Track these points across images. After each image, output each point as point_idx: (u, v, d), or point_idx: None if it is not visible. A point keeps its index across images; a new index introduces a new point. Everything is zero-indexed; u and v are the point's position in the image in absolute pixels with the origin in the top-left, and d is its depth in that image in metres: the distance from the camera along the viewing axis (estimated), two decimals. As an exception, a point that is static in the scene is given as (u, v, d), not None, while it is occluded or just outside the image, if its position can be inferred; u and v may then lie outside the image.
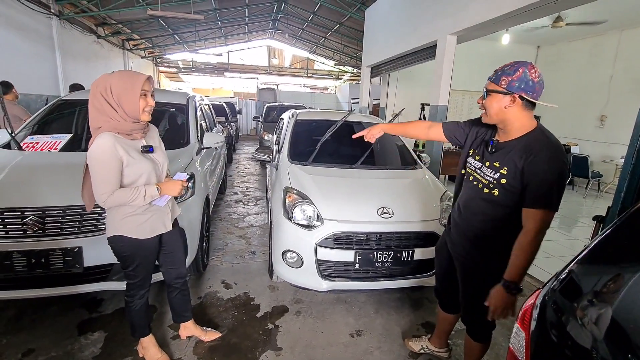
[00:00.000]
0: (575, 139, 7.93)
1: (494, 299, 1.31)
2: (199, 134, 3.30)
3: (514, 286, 1.27)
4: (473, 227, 1.46)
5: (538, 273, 3.22)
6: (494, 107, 1.33)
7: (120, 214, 1.56)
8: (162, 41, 14.32)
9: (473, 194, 1.46)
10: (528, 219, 1.27)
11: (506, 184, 1.32)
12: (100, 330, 2.12)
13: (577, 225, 5.00)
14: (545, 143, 1.27)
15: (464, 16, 4.02)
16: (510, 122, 1.34)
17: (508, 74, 1.28)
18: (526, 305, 0.92)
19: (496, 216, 1.37)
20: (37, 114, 3.01)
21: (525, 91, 1.27)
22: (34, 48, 7.60)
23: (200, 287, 2.68)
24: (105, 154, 1.43)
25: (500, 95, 1.31)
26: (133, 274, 1.70)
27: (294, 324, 2.31)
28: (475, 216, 1.44)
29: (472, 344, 1.64)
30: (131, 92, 1.45)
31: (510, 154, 1.32)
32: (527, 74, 1.26)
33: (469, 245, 1.49)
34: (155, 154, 1.67)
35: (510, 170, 1.30)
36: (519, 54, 8.85)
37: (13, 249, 1.89)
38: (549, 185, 1.23)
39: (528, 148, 1.28)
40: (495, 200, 1.36)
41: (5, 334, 2.04)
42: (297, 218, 2.35)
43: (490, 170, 1.38)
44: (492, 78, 1.34)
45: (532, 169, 1.24)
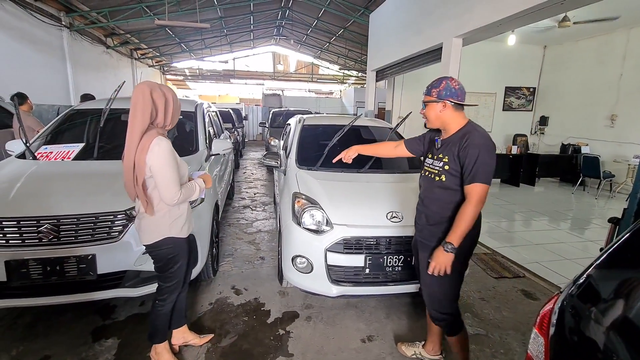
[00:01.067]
0: (585, 139, 7.81)
1: (435, 257, 1.61)
2: (208, 141, 3.34)
3: (451, 247, 1.56)
4: (433, 212, 1.72)
5: (551, 275, 3.17)
6: (432, 114, 1.68)
7: (170, 217, 1.67)
8: (169, 50, 14.56)
9: (429, 184, 1.75)
10: (469, 194, 1.56)
11: (450, 169, 1.62)
12: (113, 336, 2.14)
13: (590, 227, 4.91)
14: (474, 133, 1.59)
15: (469, 18, 4.02)
16: (447, 123, 1.67)
17: (435, 86, 1.65)
18: (544, 310, 0.91)
19: (447, 199, 1.66)
20: (50, 124, 3.08)
21: (451, 96, 1.61)
22: (46, 59, 7.79)
23: (211, 293, 2.69)
24: (169, 155, 1.58)
25: (434, 104, 1.66)
26: (172, 275, 1.77)
27: (305, 330, 2.30)
28: (433, 202, 1.72)
29: (450, 340, 1.82)
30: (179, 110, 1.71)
31: (450, 146, 1.65)
32: (449, 84, 1.62)
33: (432, 227, 1.73)
34: None
35: (450, 158, 1.62)
36: (525, 54, 8.81)
37: (29, 257, 1.93)
38: (481, 164, 1.53)
39: (461, 138, 1.61)
40: (445, 185, 1.65)
41: (22, 341, 2.07)
42: (306, 223, 2.36)
43: (438, 162, 1.70)
44: (425, 92, 1.69)
45: (464, 153, 1.56)
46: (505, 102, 9.20)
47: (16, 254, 1.92)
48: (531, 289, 2.91)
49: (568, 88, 8.37)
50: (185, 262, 1.81)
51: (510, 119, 9.24)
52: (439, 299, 1.76)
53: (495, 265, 3.36)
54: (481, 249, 3.78)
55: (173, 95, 1.66)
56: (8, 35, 6.57)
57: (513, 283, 3.01)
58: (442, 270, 1.60)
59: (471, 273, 3.09)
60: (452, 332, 1.79)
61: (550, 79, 8.91)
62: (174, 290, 1.81)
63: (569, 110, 8.37)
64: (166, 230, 1.67)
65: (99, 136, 2.78)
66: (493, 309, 2.61)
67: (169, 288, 1.79)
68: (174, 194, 1.57)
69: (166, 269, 1.75)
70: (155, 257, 1.73)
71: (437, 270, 1.60)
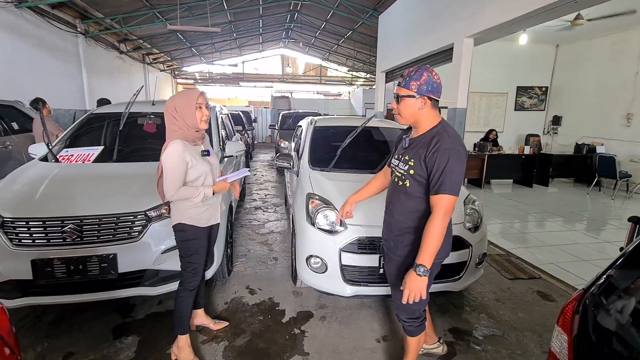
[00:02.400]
0: (600, 138, 7.66)
1: (408, 283, 1.41)
2: (221, 143, 3.40)
3: (423, 269, 1.37)
4: (396, 220, 1.57)
5: (567, 277, 3.12)
6: (408, 111, 1.46)
7: (185, 205, 1.80)
8: (180, 54, 14.82)
9: (393, 189, 1.59)
10: (434, 205, 1.39)
11: (415, 174, 1.45)
12: (133, 334, 2.20)
13: (607, 227, 4.81)
14: (444, 136, 1.40)
15: (480, 18, 4.00)
16: (421, 121, 1.48)
17: (415, 78, 1.39)
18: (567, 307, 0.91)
19: (412, 207, 1.49)
20: (70, 128, 3.18)
21: (432, 92, 1.41)
22: (62, 65, 8.01)
23: (226, 293, 2.73)
24: (176, 158, 1.70)
25: (413, 99, 1.42)
26: (189, 261, 1.88)
27: (320, 329, 2.32)
28: (396, 209, 1.56)
29: (407, 340, 1.72)
30: (189, 107, 1.74)
31: (417, 147, 1.47)
32: (431, 77, 1.39)
33: (396, 237, 1.58)
34: (211, 157, 1.94)
35: (416, 161, 1.44)
36: (537, 53, 8.70)
37: (54, 256, 2.00)
38: (448, 173, 1.35)
39: (430, 141, 1.42)
40: (408, 192, 1.48)
41: (46, 338, 2.14)
42: (320, 223, 2.38)
43: (402, 164, 1.52)
44: (402, 84, 1.43)
45: (433, 159, 1.38)
46: (517, 101, 9.09)
47: (41, 253, 1.99)
48: (547, 290, 2.87)
49: (582, 87, 8.22)
50: (202, 251, 1.91)
51: (522, 119, 9.12)
52: (411, 309, 1.62)
53: (509, 266, 3.32)
54: (495, 250, 3.74)
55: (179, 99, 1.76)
56: (27, 43, 6.78)
57: (529, 284, 2.98)
58: (418, 297, 1.39)
59: (485, 274, 3.06)
60: (416, 333, 1.69)
61: (563, 78, 8.77)
62: (191, 278, 1.90)
63: (583, 109, 8.22)
64: (180, 217, 1.82)
65: (118, 139, 2.86)
66: (509, 310, 2.59)
67: (187, 275, 1.90)
68: (169, 190, 1.71)
69: (183, 254, 1.89)
70: (176, 239, 1.89)
71: (412, 298, 1.40)
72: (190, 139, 1.80)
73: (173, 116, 1.75)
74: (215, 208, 1.95)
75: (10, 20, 6.34)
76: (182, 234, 1.85)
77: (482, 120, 8.85)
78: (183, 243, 1.87)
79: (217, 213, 1.98)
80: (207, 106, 1.83)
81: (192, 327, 2.22)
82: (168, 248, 2.19)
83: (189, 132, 1.78)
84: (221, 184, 1.88)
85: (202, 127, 1.80)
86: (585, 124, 8.11)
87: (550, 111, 9.09)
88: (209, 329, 2.24)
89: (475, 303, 2.68)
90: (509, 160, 7.30)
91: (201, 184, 1.81)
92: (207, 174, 1.85)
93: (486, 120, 8.87)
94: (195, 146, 1.84)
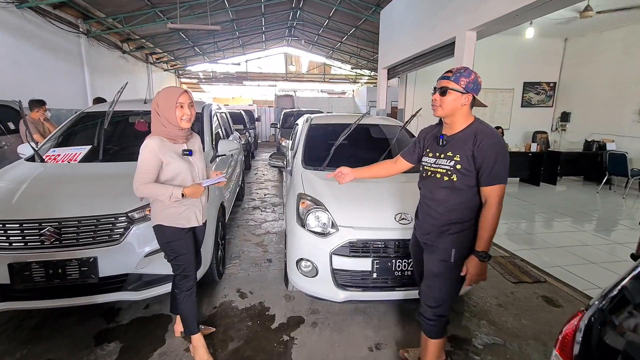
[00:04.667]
0: (610, 135, 7.40)
1: (472, 268, 1.52)
2: (214, 142, 3.31)
3: (485, 255, 1.50)
4: (439, 214, 1.61)
5: (575, 280, 2.96)
6: (452, 104, 1.51)
7: (161, 206, 1.76)
8: (183, 53, 14.80)
9: (434, 185, 1.62)
10: (489, 196, 1.49)
11: (462, 168, 1.51)
12: (116, 340, 2.12)
13: (617, 228, 4.61)
14: (487, 132, 1.51)
15: (483, 10, 3.84)
16: (459, 117, 1.55)
17: (465, 76, 1.49)
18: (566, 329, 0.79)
19: (456, 200, 1.56)
20: (59, 127, 3.12)
21: (475, 92, 1.51)
22: (65, 65, 8.03)
23: (215, 297, 2.65)
24: (147, 152, 1.68)
25: (459, 94, 1.50)
26: (176, 264, 1.84)
27: (310, 336, 2.21)
28: (440, 204, 1.60)
29: (432, 344, 1.69)
30: (169, 105, 1.71)
31: (460, 143, 1.54)
32: (477, 78, 1.51)
33: (440, 229, 1.61)
34: (195, 157, 1.86)
35: (463, 157, 1.51)
36: (544, 47, 8.45)
37: (32, 260, 1.93)
38: (500, 164, 1.46)
39: (474, 137, 1.50)
40: (456, 186, 1.54)
41: (26, 343, 2.07)
42: (311, 225, 2.27)
43: (446, 160, 1.57)
44: (452, 78, 1.50)
45: (482, 153, 1.47)
46: (523, 98, 8.85)
47: (19, 257, 1.92)
48: (553, 295, 2.72)
49: (592, 82, 7.96)
50: (187, 253, 1.85)
51: (529, 116, 8.89)
52: (442, 302, 1.66)
53: (513, 269, 3.17)
54: (499, 251, 3.60)
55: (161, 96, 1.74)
56: (29, 44, 6.79)
57: (533, 288, 2.83)
58: (480, 280, 1.56)
59: (488, 277, 2.91)
60: (440, 334, 1.69)
61: (572, 73, 8.51)
62: (182, 280, 1.86)
63: (593, 105, 7.96)
64: (158, 218, 1.78)
65: (105, 138, 2.78)
66: (511, 316, 2.45)
67: (177, 277, 1.87)
68: (135, 182, 1.67)
69: (167, 257, 1.86)
70: (157, 242, 1.85)
71: (475, 281, 1.55)
72: (170, 136, 1.76)
73: (157, 112, 1.74)
74: (196, 209, 1.86)
75: (12, 21, 6.34)
76: (162, 235, 1.81)
77: (488, 117, 8.62)
78: (165, 245, 1.83)
79: (199, 215, 1.89)
80: (191, 105, 1.77)
81: (176, 333, 2.15)
82: (152, 251, 2.11)
83: (170, 130, 1.74)
84: (194, 187, 1.76)
85: (182, 125, 1.75)
86: (595, 120, 7.86)
87: (559, 107, 8.84)
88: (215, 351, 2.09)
89: (475, 309, 2.55)
90: (515, 158, 7.06)
91: (179, 184, 1.74)
92: (184, 174, 1.77)
93: (492, 117, 8.65)
94: (176, 144, 1.79)
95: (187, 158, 1.82)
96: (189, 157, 1.83)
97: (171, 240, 1.80)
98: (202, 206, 1.90)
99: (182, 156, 1.79)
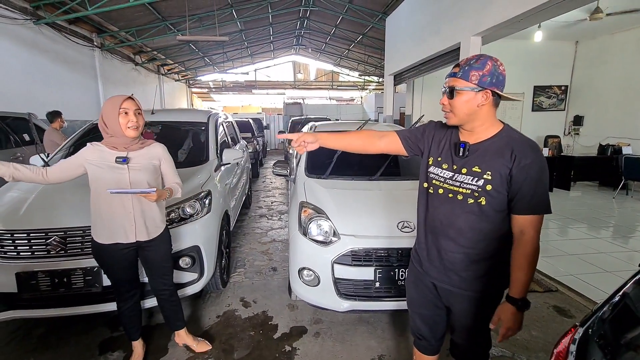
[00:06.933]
0: (626, 138, 7.19)
1: (507, 321, 1.18)
2: (219, 151, 3.34)
3: (523, 303, 1.17)
4: (462, 247, 1.25)
5: (588, 290, 2.85)
6: (465, 107, 1.16)
7: (92, 218, 1.72)
8: (193, 64, 15.14)
9: (453, 209, 1.24)
10: (527, 226, 1.15)
11: (492, 190, 1.16)
12: (119, 349, 2.13)
13: (635, 235, 4.44)
14: (527, 143, 1.16)
15: (487, 15, 3.81)
16: (480, 122, 1.19)
17: (477, 68, 1.12)
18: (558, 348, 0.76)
19: (485, 229, 1.21)
20: (70, 138, 3.20)
21: (496, 86, 1.14)
22: (79, 78, 8.30)
23: (219, 306, 2.65)
24: (75, 155, 1.69)
25: (472, 93, 1.14)
26: (110, 279, 1.84)
27: (312, 347, 2.19)
28: (462, 234, 1.24)
29: None
30: (112, 112, 1.62)
31: (490, 156, 1.17)
32: (496, 66, 1.13)
33: (463, 270, 1.27)
34: (132, 165, 1.70)
35: (496, 174, 1.15)
36: (554, 51, 8.33)
37: (38, 269, 1.96)
38: (542, 187, 1.14)
39: (510, 149, 1.15)
40: (484, 210, 1.19)
41: (33, 352, 2.11)
42: (312, 234, 2.26)
43: (470, 177, 1.20)
44: (459, 74, 1.15)
45: (522, 173, 1.12)
46: (534, 102, 8.71)
47: (26, 266, 1.96)
48: (565, 305, 2.63)
49: (605, 85, 7.78)
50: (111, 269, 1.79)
51: (541, 120, 8.72)
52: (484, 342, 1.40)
53: (523, 278, 3.08)
54: (508, 259, 3.50)
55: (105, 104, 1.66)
56: (45, 57, 7.06)
57: (544, 298, 2.74)
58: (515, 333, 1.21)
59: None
60: None
61: (584, 76, 8.33)
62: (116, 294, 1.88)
63: (607, 108, 7.76)
64: (92, 232, 1.75)
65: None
66: (521, 327, 2.37)
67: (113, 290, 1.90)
68: None
69: None
70: None
71: (510, 335, 1.20)
72: (112, 144, 1.67)
73: (103, 123, 1.65)
74: (123, 224, 1.69)
75: (29, 36, 6.61)
76: (92, 249, 1.78)
77: (498, 122, 8.51)
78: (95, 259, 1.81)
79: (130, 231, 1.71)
80: (138, 112, 1.66)
81: (178, 344, 2.14)
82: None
83: (114, 139, 1.66)
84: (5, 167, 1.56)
85: (127, 134, 1.64)
86: (609, 123, 7.65)
87: (571, 111, 8.65)
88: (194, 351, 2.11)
89: (483, 319, 2.47)
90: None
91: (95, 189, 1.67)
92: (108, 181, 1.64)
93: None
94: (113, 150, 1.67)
95: (119, 166, 1.67)
96: (123, 165, 1.67)
97: (98, 255, 1.76)
98: (134, 222, 1.71)
99: (113, 163, 1.66)
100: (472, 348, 1.40)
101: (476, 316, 1.30)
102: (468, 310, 1.31)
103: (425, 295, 1.44)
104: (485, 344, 1.40)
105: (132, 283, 1.87)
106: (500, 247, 1.23)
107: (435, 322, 1.49)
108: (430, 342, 1.54)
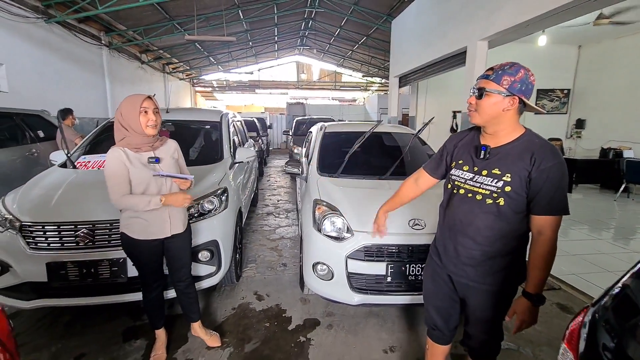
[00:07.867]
0: (628, 142, 7.29)
1: (522, 314, 1.28)
2: (232, 149, 3.44)
3: (538, 298, 1.26)
4: (479, 245, 1.33)
5: (590, 288, 2.95)
6: (491, 109, 1.24)
7: (126, 215, 1.77)
8: (198, 63, 15.24)
9: (472, 208, 1.32)
10: (545, 227, 1.22)
11: (511, 191, 1.23)
12: (142, 337, 2.23)
13: (636, 236, 4.54)
14: (548, 148, 1.22)
15: (494, 20, 3.91)
16: (503, 127, 1.27)
17: (510, 74, 1.20)
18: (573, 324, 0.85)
19: (504, 229, 1.29)
20: (89, 135, 3.31)
21: (525, 94, 1.22)
22: (87, 76, 8.41)
23: (234, 298, 2.75)
24: (112, 164, 1.67)
25: (501, 97, 1.22)
26: (139, 271, 1.91)
27: (326, 338, 2.29)
28: (480, 232, 1.31)
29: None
30: (132, 111, 1.67)
31: (511, 159, 1.25)
32: (528, 75, 1.21)
33: (480, 265, 1.35)
34: (162, 165, 1.81)
35: (515, 177, 1.22)
36: (557, 55, 8.42)
37: (67, 260, 2.06)
38: (561, 190, 1.21)
39: (531, 153, 1.22)
40: (502, 211, 1.26)
41: (60, 339, 2.21)
42: (326, 230, 2.36)
43: (489, 178, 1.27)
44: (492, 77, 1.22)
45: (544, 176, 1.19)
46: (537, 105, 8.79)
47: (56, 257, 2.06)
48: (568, 302, 2.72)
49: (608, 88, 7.87)
50: (144, 262, 1.86)
51: (543, 123, 8.78)
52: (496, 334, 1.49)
53: (527, 276, 3.17)
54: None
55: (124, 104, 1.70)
56: (55, 56, 7.16)
57: (548, 296, 2.83)
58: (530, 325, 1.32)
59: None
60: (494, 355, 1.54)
61: (587, 80, 8.43)
62: (143, 285, 1.95)
63: (609, 112, 7.86)
64: (122, 226, 1.80)
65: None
66: (525, 322, 2.47)
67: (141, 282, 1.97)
68: (111, 195, 1.68)
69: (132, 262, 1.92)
70: None
71: (524, 327, 1.30)
72: (134, 145, 1.72)
73: (120, 123, 1.70)
74: (160, 221, 1.80)
75: (41, 35, 6.72)
76: (124, 243, 1.82)
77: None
78: (127, 253, 1.87)
79: (166, 227, 1.82)
80: (156, 111, 1.73)
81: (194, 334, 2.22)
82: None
83: (134, 138, 1.70)
84: (175, 196, 1.73)
85: (147, 132, 1.70)
86: (611, 127, 7.75)
87: (573, 114, 8.75)
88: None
89: (489, 314, 2.57)
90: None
91: (141, 192, 1.72)
92: (148, 183, 1.73)
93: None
94: (139, 153, 1.74)
95: (152, 166, 1.77)
96: (156, 165, 1.78)
97: (130, 249, 1.82)
98: (169, 218, 1.82)
99: (147, 165, 1.75)
100: (485, 339, 1.49)
101: (491, 309, 1.39)
102: (483, 303, 1.39)
103: (441, 288, 1.53)
104: (497, 336, 1.49)
105: (158, 274, 1.97)
106: (517, 245, 1.31)
107: (449, 314, 1.59)
108: (443, 332, 1.64)
